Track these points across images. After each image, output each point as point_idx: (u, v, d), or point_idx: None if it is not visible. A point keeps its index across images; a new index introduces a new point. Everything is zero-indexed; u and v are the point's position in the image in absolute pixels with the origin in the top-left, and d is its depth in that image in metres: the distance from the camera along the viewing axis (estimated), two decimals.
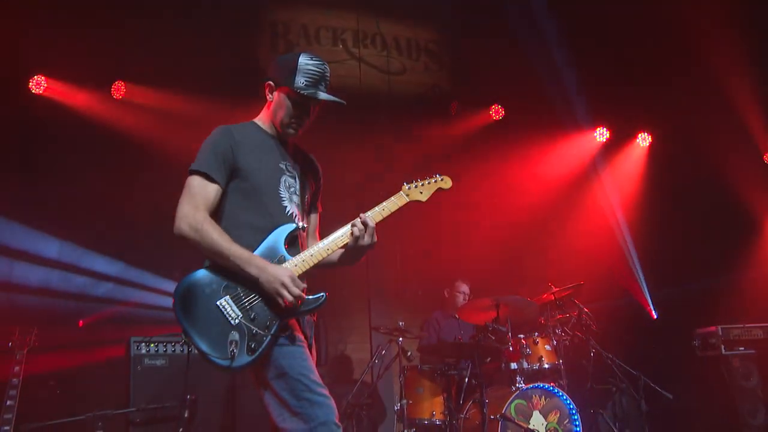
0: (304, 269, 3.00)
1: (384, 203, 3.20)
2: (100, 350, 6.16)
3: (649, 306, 8.34)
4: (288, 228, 3.06)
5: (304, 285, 2.93)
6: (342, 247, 3.11)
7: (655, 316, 8.30)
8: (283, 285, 2.83)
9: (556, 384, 5.84)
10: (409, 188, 3.29)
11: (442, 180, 3.38)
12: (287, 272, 2.87)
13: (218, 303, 2.86)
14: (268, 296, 2.86)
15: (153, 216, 6.46)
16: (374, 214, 3.13)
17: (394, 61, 8.43)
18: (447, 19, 8.59)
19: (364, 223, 3.05)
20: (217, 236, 2.90)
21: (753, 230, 7.89)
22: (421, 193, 3.31)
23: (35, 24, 6.40)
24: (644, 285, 8.33)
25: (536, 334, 6.11)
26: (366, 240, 3.06)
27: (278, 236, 3.02)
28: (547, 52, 8.11)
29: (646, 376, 6.01)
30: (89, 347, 6.22)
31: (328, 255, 3.07)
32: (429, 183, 3.34)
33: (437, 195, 3.36)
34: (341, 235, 3.08)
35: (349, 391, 6.31)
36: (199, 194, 2.99)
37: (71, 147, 6.66)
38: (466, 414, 5.82)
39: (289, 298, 2.83)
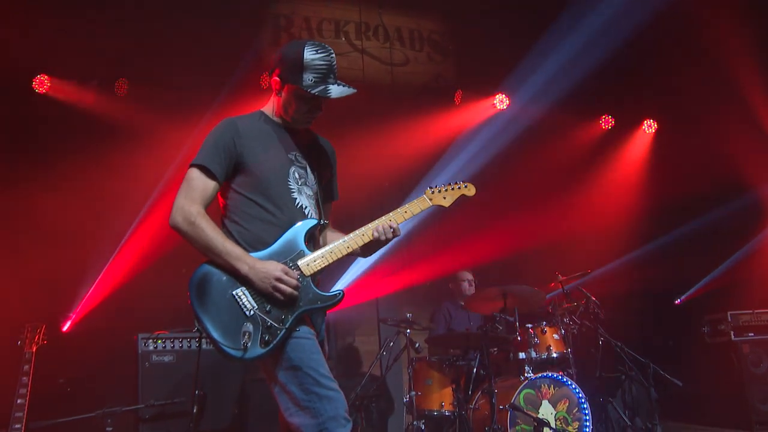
0: (323, 265, 3.00)
1: (406, 206, 3.21)
2: (107, 347, 6.17)
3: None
4: (309, 223, 3.05)
5: (299, 272, 2.93)
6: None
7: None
8: (278, 279, 2.83)
9: (565, 373, 5.83)
10: (433, 192, 3.31)
11: (466, 187, 3.39)
12: (278, 266, 2.87)
13: (234, 293, 2.85)
14: (266, 295, 2.85)
15: (157, 212, 6.53)
16: (396, 216, 3.14)
17: (397, 52, 8.39)
18: (449, 8, 8.55)
19: (389, 227, 3.08)
20: (210, 231, 2.89)
21: (760, 216, 7.84)
22: (444, 198, 3.32)
23: (38, 22, 6.39)
24: None
25: (544, 323, 6.10)
26: (384, 240, 3.11)
27: (299, 231, 3.01)
28: (550, 40, 8.06)
29: (656, 363, 5.99)
30: (97, 344, 6.23)
31: (348, 252, 3.07)
32: (453, 189, 3.35)
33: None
34: (362, 234, 3.09)
35: (358, 384, 6.32)
36: (197, 188, 2.97)
37: (75, 145, 6.66)
38: (475, 404, 5.83)
39: (288, 290, 2.84)
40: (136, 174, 6.65)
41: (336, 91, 3.04)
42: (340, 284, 7.04)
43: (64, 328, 6.31)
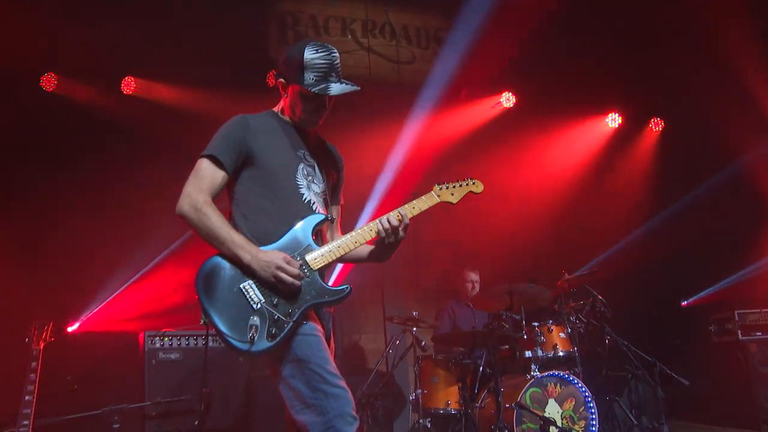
0: (329, 260, 2.99)
1: (414, 202, 3.19)
2: (114, 345, 6.19)
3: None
4: (316, 218, 3.05)
5: (300, 261, 2.92)
6: (370, 242, 3.12)
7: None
8: (279, 268, 2.82)
9: (571, 372, 5.81)
10: (441, 189, 3.29)
11: (474, 184, 3.37)
12: (280, 255, 2.86)
13: (241, 286, 2.85)
14: (268, 284, 2.85)
15: (164, 209, 6.53)
16: (403, 211, 3.12)
17: (403, 50, 8.40)
18: (456, 5, 8.53)
19: (390, 222, 3.05)
20: (215, 219, 2.89)
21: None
22: (452, 195, 3.31)
23: (44, 21, 6.40)
24: None
25: (550, 321, 6.09)
26: (392, 237, 3.07)
27: (306, 226, 3.01)
28: (558, 38, 8.04)
29: (662, 362, 5.97)
30: (104, 342, 6.25)
31: (355, 248, 3.06)
32: (461, 186, 3.34)
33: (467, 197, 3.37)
34: (368, 229, 3.07)
35: (364, 382, 6.33)
36: (206, 177, 2.98)
37: (83, 143, 6.68)
38: (481, 403, 5.82)
39: (288, 279, 2.82)
40: (147, 176, 6.66)
41: (336, 88, 3.06)
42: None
43: (70, 330, 6.32)
